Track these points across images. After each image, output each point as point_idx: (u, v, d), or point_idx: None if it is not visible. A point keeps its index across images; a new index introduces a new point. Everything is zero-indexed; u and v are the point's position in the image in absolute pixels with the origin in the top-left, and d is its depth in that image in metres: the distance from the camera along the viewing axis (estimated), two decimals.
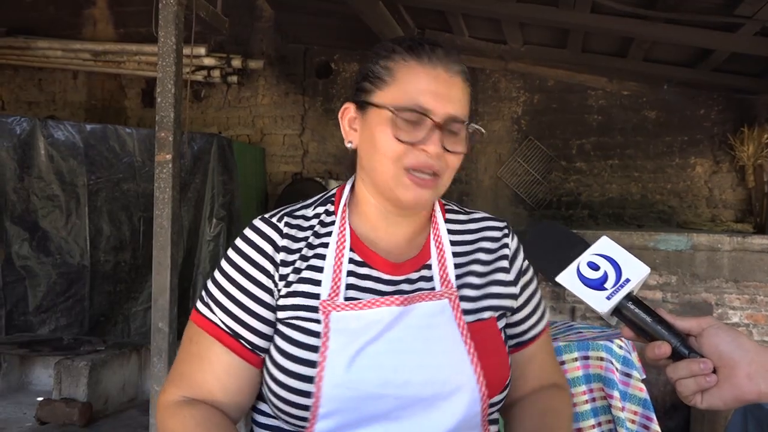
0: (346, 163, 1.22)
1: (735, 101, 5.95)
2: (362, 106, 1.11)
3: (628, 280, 0.98)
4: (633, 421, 2.76)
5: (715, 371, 0.91)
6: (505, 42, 5.88)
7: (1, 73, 7.43)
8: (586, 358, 2.82)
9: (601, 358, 2.79)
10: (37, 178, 5.16)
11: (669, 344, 0.94)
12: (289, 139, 6.88)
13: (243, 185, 5.87)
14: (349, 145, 1.14)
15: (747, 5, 3.96)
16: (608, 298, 0.97)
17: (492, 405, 1.09)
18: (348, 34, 6.14)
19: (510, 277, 1.19)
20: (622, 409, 2.72)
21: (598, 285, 0.98)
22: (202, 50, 6.47)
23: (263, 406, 1.13)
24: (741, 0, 3.93)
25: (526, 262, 1.23)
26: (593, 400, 2.81)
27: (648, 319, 0.97)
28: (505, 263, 1.19)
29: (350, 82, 6.67)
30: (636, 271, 0.99)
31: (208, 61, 6.64)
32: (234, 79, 6.84)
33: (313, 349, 1.03)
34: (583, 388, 2.79)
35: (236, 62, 6.65)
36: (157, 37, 3.34)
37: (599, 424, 2.78)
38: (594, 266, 1.00)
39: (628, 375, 2.81)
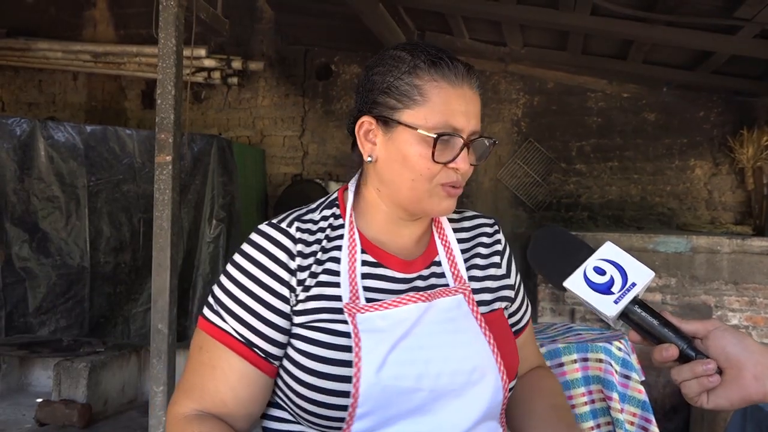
0: (351, 165, 1.23)
1: (734, 104, 5.95)
2: (385, 121, 1.11)
3: (634, 284, 0.99)
4: (632, 423, 2.76)
5: (721, 372, 0.93)
6: (505, 44, 5.88)
7: (2, 74, 7.43)
8: (585, 359, 2.82)
9: (601, 360, 2.79)
10: (37, 179, 5.16)
11: (676, 347, 0.95)
12: (289, 141, 6.88)
13: (243, 187, 5.87)
14: (368, 159, 1.14)
15: (747, 7, 3.97)
16: (616, 302, 0.99)
17: (508, 391, 1.14)
18: (348, 35, 6.14)
19: (502, 270, 1.25)
20: (621, 410, 2.72)
21: (605, 289, 1.00)
22: (202, 52, 6.47)
23: (277, 412, 1.13)
24: (741, 2, 3.93)
25: (512, 254, 1.30)
26: (592, 401, 2.81)
27: (655, 322, 0.98)
28: (497, 258, 1.26)
29: (351, 85, 6.70)
30: (641, 276, 1.00)
31: (209, 63, 6.64)
32: (234, 80, 6.84)
33: (345, 349, 1.04)
34: (582, 389, 2.79)
35: (236, 64, 6.66)
36: (158, 38, 3.34)
37: (598, 426, 2.78)
38: (600, 271, 1.01)
39: (627, 377, 2.81)
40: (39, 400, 4.35)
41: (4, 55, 7.06)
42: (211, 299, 1.13)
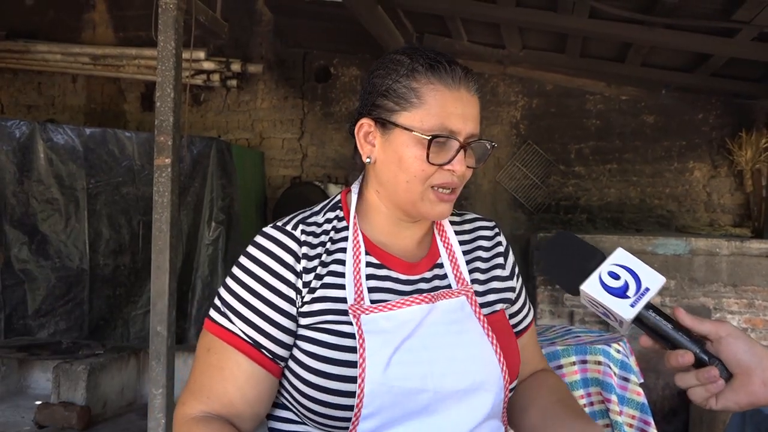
0: (353, 167, 1.25)
1: (733, 106, 5.96)
2: (383, 123, 1.13)
3: (648, 289, 1.01)
4: (631, 425, 2.76)
5: (730, 375, 0.96)
6: (504, 46, 5.89)
7: (1, 76, 7.44)
8: (584, 362, 2.82)
9: (599, 362, 2.80)
10: (37, 181, 5.17)
11: (692, 352, 0.97)
12: (288, 143, 6.89)
13: (242, 189, 5.87)
14: (367, 161, 1.16)
15: (745, 10, 3.98)
16: (632, 305, 1.00)
17: (509, 391, 1.15)
18: (347, 38, 6.15)
19: (506, 272, 1.27)
20: (620, 413, 2.72)
21: (621, 293, 1.01)
22: (201, 54, 6.48)
23: (283, 413, 1.14)
24: (739, 5, 3.94)
25: (514, 256, 1.32)
26: (591, 404, 2.82)
27: (669, 325, 1.00)
28: (501, 260, 1.28)
29: (350, 87, 6.70)
30: (654, 281, 1.02)
31: (208, 65, 6.65)
32: (233, 83, 6.84)
33: (350, 350, 1.06)
34: (581, 392, 2.79)
35: (235, 66, 6.66)
36: (157, 41, 3.34)
37: None
38: (615, 276, 1.03)
39: (626, 379, 2.81)
40: (38, 402, 4.34)
41: (4, 58, 7.06)
42: (217, 301, 1.14)
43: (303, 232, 1.14)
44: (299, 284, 1.10)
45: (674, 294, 4.61)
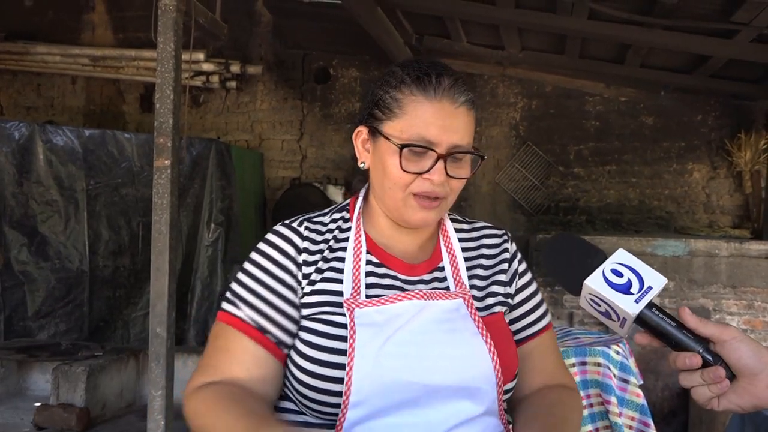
0: (358, 172, 1.31)
1: (732, 107, 5.96)
2: (373, 132, 1.19)
3: (650, 288, 1.01)
4: (630, 427, 2.76)
5: (733, 376, 0.96)
6: (503, 48, 5.89)
7: (0, 78, 7.44)
8: (584, 363, 2.82)
9: (599, 364, 2.80)
10: (36, 183, 5.16)
11: (698, 353, 0.97)
12: (288, 144, 6.89)
13: (241, 190, 5.87)
14: (362, 166, 1.23)
15: (744, 12, 3.98)
16: (636, 301, 1.00)
17: (505, 392, 1.16)
18: (346, 39, 6.15)
19: (506, 278, 1.28)
20: (620, 414, 2.72)
21: (624, 290, 1.02)
22: (200, 55, 6.47)
23: (286, 404, 1.19)
24: (738, 6, 3.95)
25: (524, 265, 1.33)
26: (590, 405, 2.82)
27: (672, 324, 1.00)
28: (504, 266, 1.29)
29: (349, 88, 6.71)
30: (655, 280, 1.03)
31: (207, 67, 6.65)
32: (233, 84, 6.85)
33: (343, 339, 1.11)
34: (581, 394, 2.79)
35: (235, 67, 6.66)
36: (156, 42, 3.34)
37: (596, 430, 2.78)
38: (618, 273, 1.03)
39: (626, 381, 2.81)
40: (37, 404, 4.34)
41: (3, 59, 7.06)
42: (228, 293, 1.21)
43: (307, 228, 1.22)
44: (299, 275, 1.17)
45: (673, 295, 4.61)
